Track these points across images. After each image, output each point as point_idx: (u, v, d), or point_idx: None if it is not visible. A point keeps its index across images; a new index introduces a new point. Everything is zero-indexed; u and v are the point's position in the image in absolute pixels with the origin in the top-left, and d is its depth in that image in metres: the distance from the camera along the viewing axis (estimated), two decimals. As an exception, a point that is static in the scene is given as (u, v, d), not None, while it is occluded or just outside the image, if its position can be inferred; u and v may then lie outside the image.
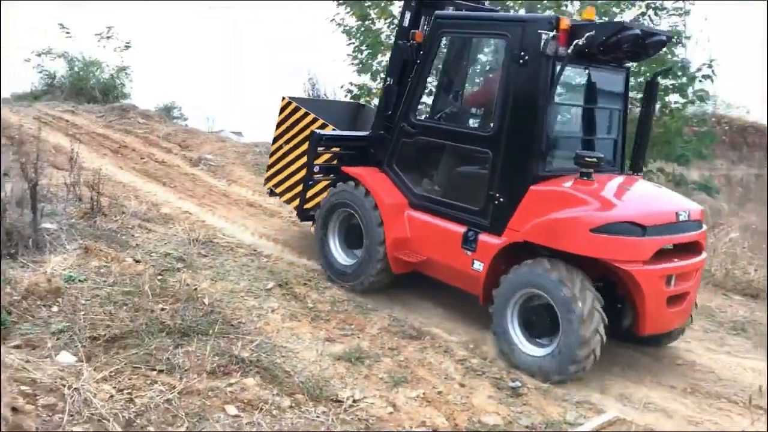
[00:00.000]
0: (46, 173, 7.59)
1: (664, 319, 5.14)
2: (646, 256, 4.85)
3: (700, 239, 5.37)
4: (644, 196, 5.52)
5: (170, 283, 5.59)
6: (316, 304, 5.81)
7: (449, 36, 6.14)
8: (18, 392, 3.30)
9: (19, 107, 15.05)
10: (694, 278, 5.26)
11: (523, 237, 5.11)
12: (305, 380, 4.32)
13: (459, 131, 5.99)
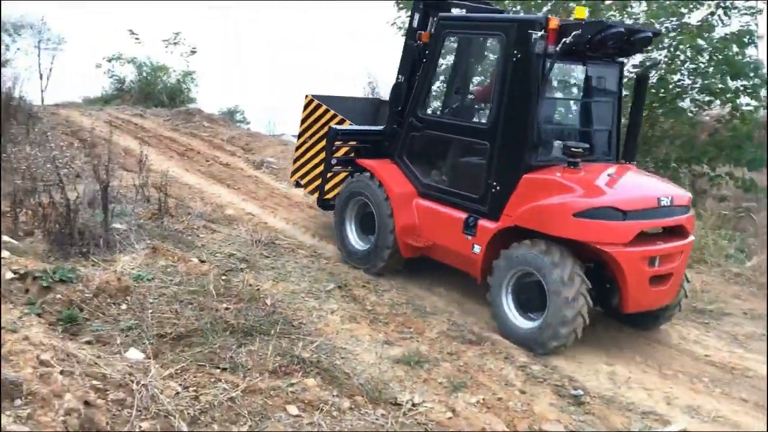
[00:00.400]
0: (116, 175, 7.85)
1: (647, 297, 5.43)
2: (626, 239, 5.17)
3: (686, 223, 5.64)
4: (629, 183, 5.81)
5: (234, 283, 5.70)
6: (374, 307, 5.83)
7: (452, 36, 6.59)
8: (89, 387, 3.41)
9: (90, 111, 15.63)
10: (679, 260, 5.53)
11: (515, 222, 5.52)
12: (364, 382, 4.34)
13: (461, 125, 6.48)
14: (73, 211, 5.86)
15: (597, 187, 5.47)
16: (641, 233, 5.28)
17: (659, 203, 5.41)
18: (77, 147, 10.60)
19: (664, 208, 5.44)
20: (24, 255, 5.31)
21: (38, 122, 11.36)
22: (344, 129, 7.26)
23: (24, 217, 6.15)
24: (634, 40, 5.72)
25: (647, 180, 6.07)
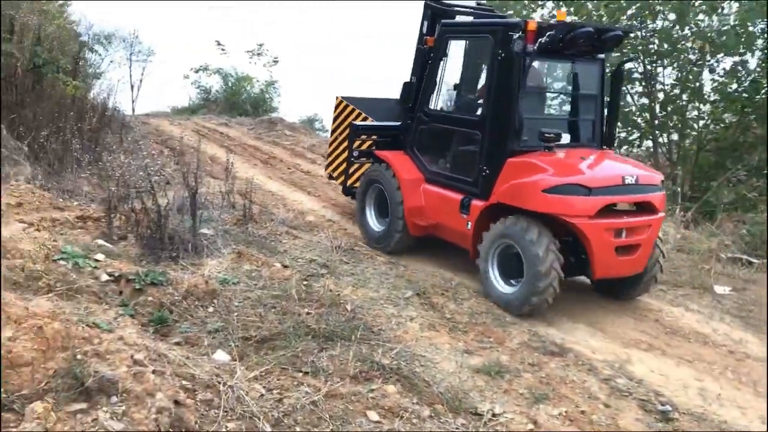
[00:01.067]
0: (204, 182, 8.13)
1: (614, 265, 6.05)
2: (591, 212, 5.81)
3: (654, 201, 6.22)
4: (599, 165, 6.44)
5: (315, 288, 5.79)
6: (454, 315, 5.80)
7: (452, 40, 7.28)
8: (179, 386, 3.54)
9: (178, 120, 16.25)
10: (646, 233, 6.12)
11: (497, 199, 6.28)
12: (444, 391, 4.32)
13: (459, 117, 7.22)
14: (163, 216, 6.10)
15: (567, 167, 6.13)
16: (609, 208, 5.99)
17: (624, 181, 6.06)
18: (167, 155, 11.06)
19: (629, 185, 6.09)
20: (118, 258, 5.56)
21: (130, 131, 11.93)
22: (365, 125, 8.31)
23: (118, 222, 6.44)
24: (605, 39, 6.49)
25: (617, 163, 6.71)
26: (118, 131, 11.22)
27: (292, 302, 5.30)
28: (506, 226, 6.13)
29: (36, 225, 5.95)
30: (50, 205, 6.82)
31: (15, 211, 6.37)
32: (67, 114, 9.25)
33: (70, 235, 5.99)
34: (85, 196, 7.88)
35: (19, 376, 3.13)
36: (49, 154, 8.60)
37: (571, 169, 6.09)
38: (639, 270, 6.29)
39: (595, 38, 6.37)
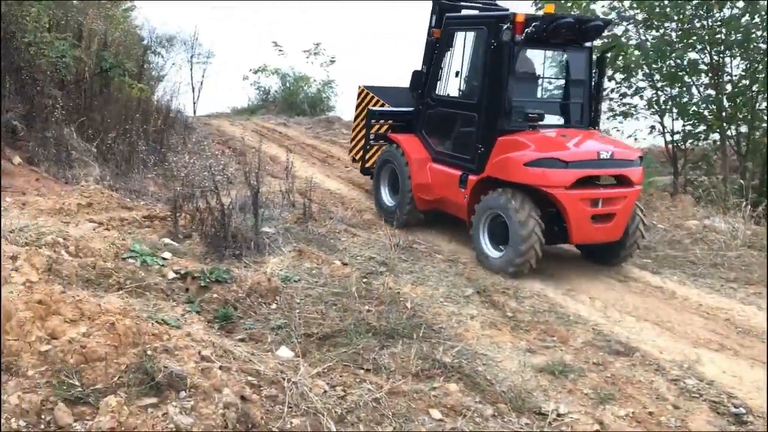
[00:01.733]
0: (264, 181, 8.26)
1: (590, 232, 6.78)
2: (567, 183, 6.54)
3: (629, 174, 6.89)
4: (577, 142, 7.09)
5: (374, 285, 5.81)
6: (515, 313, 5.72)
7: (455, 31, 8.04)
8: (245, 382, 3.60)
9: (239, 121, 16.55)
10: (621, 204, 6.79)
11: (488, 173, 7.07)
12: (507, 390, 4.26)
13: (460, 102, 7.98)
14: (227, 215, 6.22)
15: (548, 144, 6.87)
16: (587, 180, 6.70)
17: (599, 156, 6.75)
18: (229, 155, 11.28)
19: (604, 160, 6.75)
20: (184, 256, 5.71)
21: (193, 132, 12.22)
22: (380, 110, 9.34)
23: (183, 221, 6.60)
24: (586, 29, 7.23)
25: (596, 141, 7.26)
26: (182, 132, 11.51)
27: (352, 300, 5.33)
28: (494, 197, 6.91)
29: (105, 224, 6.16)
30: (118, 204, 7.05)
31: (85, 211, 6.61)
32: (133, 116, 9.55)
33: (137, 233, 6.17)
34: (151, 196, 8.12)
35: (93, 370, 3.24)
36: (117, 155, 8.90)
37: (551, 146, 6.87)
38: (616, 237, 6.95)
39: (576, 28, 7.13)
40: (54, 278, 4.21)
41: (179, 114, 12.51)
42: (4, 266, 3.95)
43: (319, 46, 19.03)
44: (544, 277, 6.78)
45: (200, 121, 15.68)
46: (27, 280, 3.76)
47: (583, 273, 7.07)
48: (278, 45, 18.89)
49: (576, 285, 6.66)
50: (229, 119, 17.18)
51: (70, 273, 4.40)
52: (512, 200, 6.65)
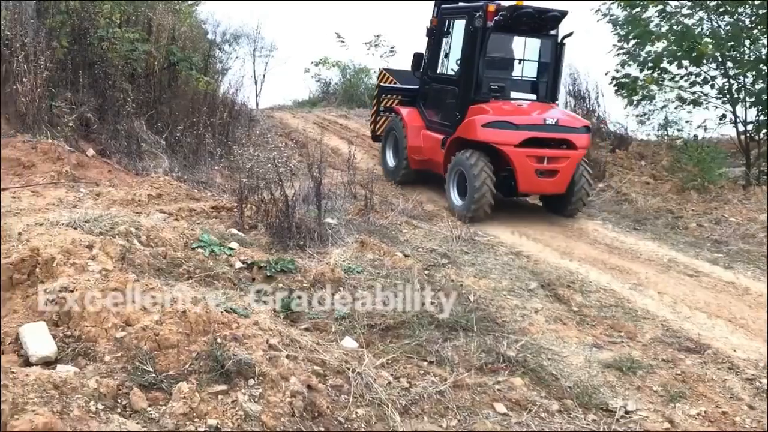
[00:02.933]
0: (326, 173, 8.34)
1: (535, 184, 8.40)
2: (516, 142, 8.06)
3: (571, 139, 8.32)
4: (531, 110, 8.65)
5: (436, 278, 5.80)
6: (581, 308, 5.61)
7: (447, 19, 9.64)
8: (311, 371, 3.65)
9: (300, 113, 16.73)
10: (564, 163, 8.25)
11: (457, 134, 8.69)
12: (573, 385, 4.19)
13: (446, 78, 9.56)
14: (290, 207, 6.31)
15: (504, 111, 8.44)
16: (535, 141, 8.12)
17: (545, 122, 8.34)
18: (291, 147, 11.42)
19: (549, 125, 8.32)
20: (249, 246, 5.81)
21: (257, 125, 12.42)
22: (390, 87, 11.07)
23: (249, 212, 6.71)
24: (545, 18, 8.75)
25: (549, 111, 8.76)
26: (246, 125, 11.70)
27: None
28: (458, 157, 8.50)
29: (175, 215, 6.33)
30: (187, 195, 7.23)
31: (155, 202, 6.81)
32: (199, 109, 9.77)
33: (205, 224, 6.31)
34: (217, 187, 8.30)
35: (166, 357, 3.34)
36: (185, 147, 9.13)
37: (506, 112, 8.41)
38: (559, 190, 8.51)
39: (536, 17, 8.69)
40: (127, 267, 4.35)
41: (243, 107, 12.72)
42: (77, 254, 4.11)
43: (379, 38, 19.03)
44: (611, 272, 6.63)
45: (263, 114, 15.91)
46: (103, 269, 3.90)
47: (651, 267, 6.89)
48: (340, 37, 18.99)
49: (644, 279, 6.49)
50: (291, 112, 17.38)
51: (142, 262, 4.54)
52: (470, 158, 8.19)
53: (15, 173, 7.22)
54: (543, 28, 8.98)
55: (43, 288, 3.67)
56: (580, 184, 8.51)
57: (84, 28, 9.24)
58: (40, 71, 8.13)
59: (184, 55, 10.20)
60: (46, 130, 8.02)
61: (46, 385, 2.86)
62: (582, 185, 8.54)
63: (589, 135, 8.62)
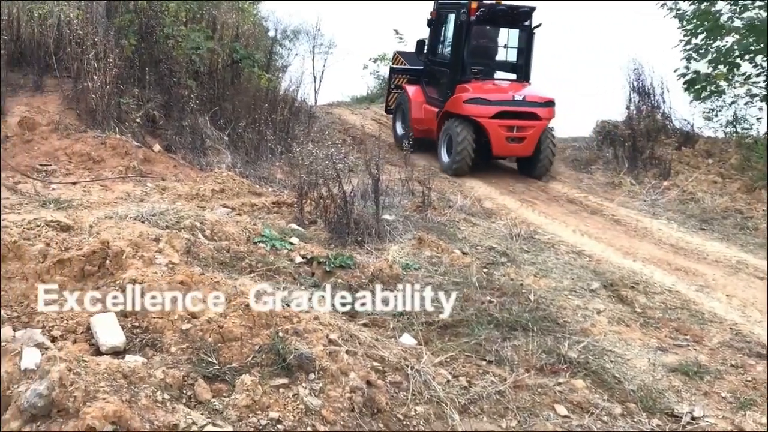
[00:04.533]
0: (384, 169, 8.35)
1: (506, 149, 10.48)
2: (489, 114, 10.13)
3: (536, 111, 10.29)
4: (504, 89, 10.75)
5: (495, 276, 5.74)
6: (645, 310, 5.47)
7: (442, 13, 11.67)
8: (370, 367, 3.67)
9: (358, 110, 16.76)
10: (530, 131, 10.27)
11: (446, 108, 10.74)
12: (637, 389, 4.09)
13: (441, 62, 11.63)
14: (349, 203, 6.34)
15: (482, 89, 10.55)
16: (506, 114, 10.18)
17: (513, 98, 10.34)
18: (349, 143, 11.48)
19: (517, 101, 10.30)
20: (309, 241, 5.87)
21: (316, 121, 12.52)
22: (399, 67, 13.42)
23: (308, 208, 6.79)
24: (518, 13, 10.84)
25: (521, 88, 10.79)
26: (306, 121, 11.82)
27: (473, 290, 5.28)
28: (448, 125, 10.66)
29: (237, 209, 6.45)
30: (249, 190, 7.36)
31: (219, 197, 6.95)
32: (261, 106, 9.91)
33: (266, 219, 6.41)
34: (278, 183, 8.41)
35: (230, 349, 3.41)
36: (247, 143, 9.28)
37: (484, 90, 10.59)
38: (527, 153, 10.57)
39: (510, 13, 10.91)
40: (192, 260, 4.46)
41: (303, 103, 12.85)
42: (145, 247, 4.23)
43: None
44: (677, 273, 6.45)
45: (322, 110, 16.03)
46: (170, 262, 4.01)
47: (719, 269, 6.67)
48: (399, 33, 18.95)
49: (711, 281, 6.29)
50: (349, 108, 17.45)
51: (206, 255, 4.64)
52: (456, 125, 10.40)
53: (85, 167, 7.48)
54: (517, 21, 11.16)
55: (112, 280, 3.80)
56: (545, 149, 10.54)
57: (151, 27, 9.49)
58: (110, 69, 8.38)
59: (247, 53, 10.37)
60: (115, 126, 8.27)
61: (116, 375, 2.95)
62: (547, 150, 10.56)
63: (552, 108, 10.52)
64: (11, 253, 3.93)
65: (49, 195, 6.54)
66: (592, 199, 9.60)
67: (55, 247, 4.09)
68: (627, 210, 9.16)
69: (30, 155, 7.56)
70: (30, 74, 8.81)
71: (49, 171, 7.32)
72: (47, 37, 8.94)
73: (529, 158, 10.62)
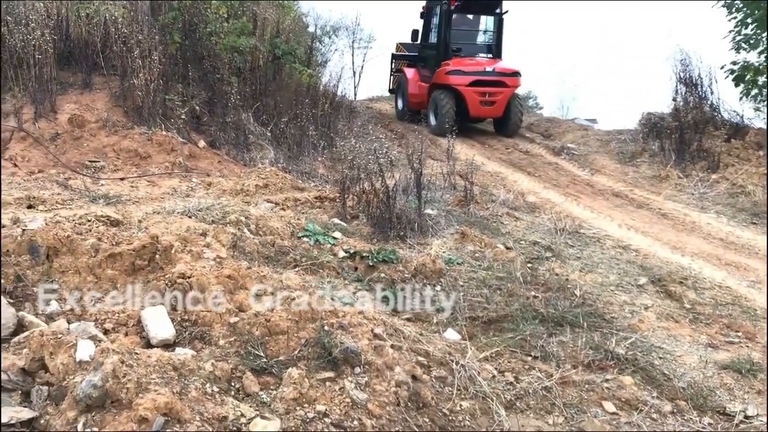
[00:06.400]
0: (425, 164, 8.33)
1: (480, 110, 13.21)
2: (466, 83, 12.87)
3: (504, 80, 13.10)
4: (479, 63, 13.67)
5: (540, 271, 5.68)
6: (694, 305, 5.35)
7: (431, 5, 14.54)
8: (415, 362, 3.66)
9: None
10: (500, 96, 13.09)
11: (433, 81, 13.65)
12: (687, 386, 4.00)
13: (431, 45, 14.52)
14: (391, 197, 6.34)
15: (461, 63, 13.26)
16: (480, 82, 12.92)
17: (484, 69, 13.19)
18: (390, 138, 11.49)
19: (488, 72, 13.12)
20: (352, 236, 5.90)
21: (357, 116, 12.56)
22: (399, 54, 16.58)
23: (350, 202, 6.81)
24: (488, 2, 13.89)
25: (493, 63, 13.60)
26: (347, 116, 11.86)
27: (517, 285, 5.24)
28: (434, 95, 13.39)
29: (281, 204, 6.51)
30: (291, 186, 7.42)
31: (262, 192, 7.02)
32: (302, 101, 9.98)
33: (310, 213, 6.46)
34: (320, 178, 8.46)
35: (276, 343, 3.44)
36: (289, 138, 9.35)
37: (462, 64, 13.26)
38: (497, 114, 13.44)
39: (479, 3, 13.98)
40: (238, 254, 4.52)
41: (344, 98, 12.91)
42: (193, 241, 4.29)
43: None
44: (727, 268, 6.29)
45: (362, 105, 16.13)
46: (217, 256, 4.07)
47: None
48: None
49: (763, 277, 6.11)
50: (389, 102, 17.48)
51: (252, 250, 4.70)
52: (441, 94, 13.13)
53: (133, 163, 7.64)
54: (488, 9, 14.24)
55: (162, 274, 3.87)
56: (514, 111, 13.42)
57: (194, 24, 9.63)
58: (155, 66, 8.54)
59: (288, 48, 10.44)
60: (161, 122, 8.43)
61: (166, 367, 3.00)
62: (516, 111, 13.45)
63: (518, 78, 13.25)
64: (64, 247, 4.03)
65: (99, 191, 6.69)
66: (638, 192, 9.42)
67: (106, 242, 4.18)
68: (674, 204, 8.96)
69: (79, 152, 7.76)
70: (79, 72, 9.03)
71: (98, 167, 7.50)
72: (94, 36, 9.15)
73: (501, 120, 13.63)
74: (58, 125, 8.00)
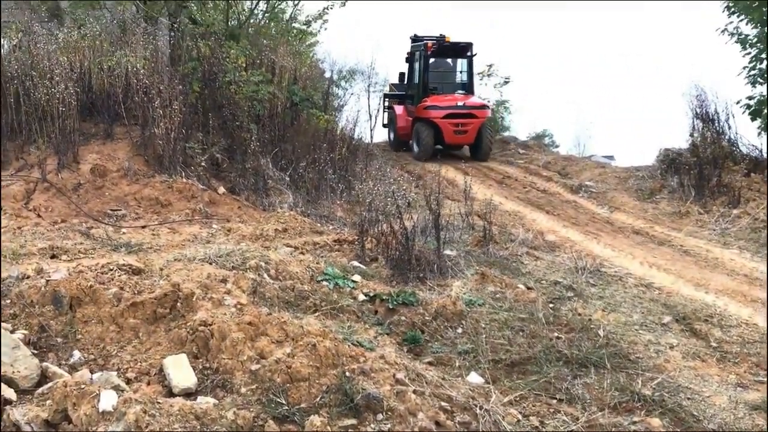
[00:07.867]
0: (443, 204, 8.34)
1: (454, 139, 15.29)
2: (441, 116, 15.06)
3: (475, 113, 15.24)
4: (452, 99, 15.66)
5: (562, 311, 5.62)
6: (721, 344, 5.26)
7: (413, 51, 17.08)
8: (438, 407, 3.62)
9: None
10: (470, 127, 15.14)
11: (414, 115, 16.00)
12: (717, 427, 3.91)
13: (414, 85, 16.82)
14: (410, 239, 6.34)
15: (438, 100, 15.46)
16: (453, 115, 15.02)
17: (456, 104, 15.31)
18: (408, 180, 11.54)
19: (459, 106, 15.25)
20: (371, 279, 5.89)
21: (374, 159, 12.66)
22: (389, 93, 18.46)
23: (369, 245, 6.82)
24: (460, 48, 16.41)
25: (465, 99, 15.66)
26: (364, 159, 11.96)
27: (539, 326, 5.18)
28: (416, 126, 15.51)
29: (300, 248, 6.53)
30: (310, 229, 7.46)
31: (282, 236, 7.07)
32: (320, 146, 10.10)
33: (329, 257, 6.47)
34: (338, 221, 8.50)
35: (298, 390, 3.42)
36: (307, 183, 9.44)
37: (438, 100, 15.30)
38: (470, 141, 15.38)
39: (454, 48, 16.36)
40: (259, 300, 4.53)
41: (361, 141, 13.04)
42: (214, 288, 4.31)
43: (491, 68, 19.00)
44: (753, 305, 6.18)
45: (379, 148, 16.31)
46: (238, 303, 4.08)
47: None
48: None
49: (791, 313, 6.00)
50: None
51: (272, 295, 4.71)
52: (422, 126, 15.11)
53: (154, 211, 7.74)
54: (460, 53, 16.53)
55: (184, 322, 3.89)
56: (485, 139, 15.24)
57: (213, 73, 9.84)
58: (175, 115, 8.70)
59: (306, 95, 10.61)
60: (181, 170, 8.56)
61: (188, 416, 3.00)
62: (486, 139, 15.28)
63: (486, 110, 15.53)
64: (87, 297, 4.07)
65: (120, 239, 6.77)
66: (658, 229, 9.35)
67: (128, 291, 4.22)
68: (696, 240, 8.88)
69: (101, 201, 7.88)
70: (101, 123, 9.23)
71: (120, 216, 7.60)
72: (116, 87, 9.36)
73: (474, 146, 15.47)
74: (81, 175, 8.15)
